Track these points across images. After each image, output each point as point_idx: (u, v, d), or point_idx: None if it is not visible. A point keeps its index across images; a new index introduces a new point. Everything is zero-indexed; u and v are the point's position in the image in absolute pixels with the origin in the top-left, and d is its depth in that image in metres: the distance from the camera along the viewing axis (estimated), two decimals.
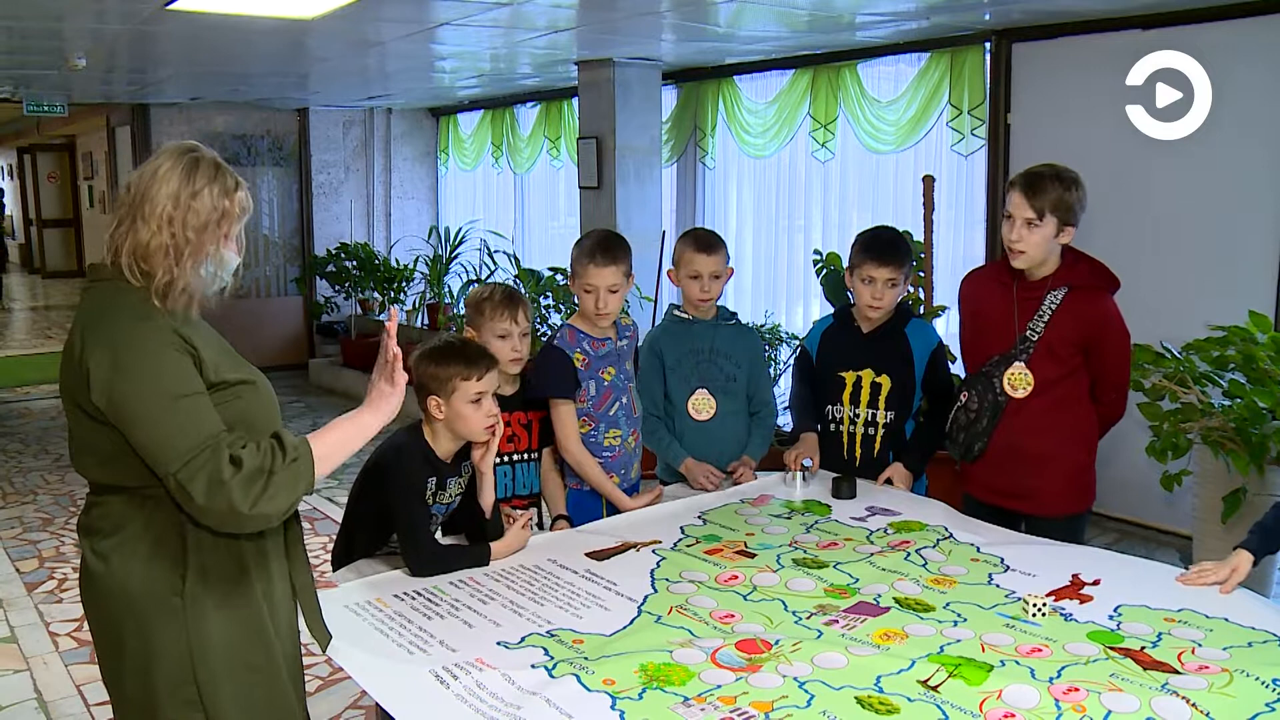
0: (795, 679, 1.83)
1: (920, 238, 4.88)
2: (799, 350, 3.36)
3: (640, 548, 2.51)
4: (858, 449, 3.09)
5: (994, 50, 5.03)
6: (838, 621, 2.08)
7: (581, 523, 2.80)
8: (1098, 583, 2.26)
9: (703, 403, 3.09)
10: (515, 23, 4.92)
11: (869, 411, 3.07)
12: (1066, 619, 2.09)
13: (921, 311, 4.81)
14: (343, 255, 8.77)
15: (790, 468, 2.97)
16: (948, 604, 2.16)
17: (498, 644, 2.00)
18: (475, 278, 8.20)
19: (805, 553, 2.47)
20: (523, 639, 2.02)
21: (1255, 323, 3.84)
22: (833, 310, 3.27)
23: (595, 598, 2.23)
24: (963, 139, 5.23)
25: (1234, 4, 4.21)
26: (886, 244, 3.02)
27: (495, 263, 8.24)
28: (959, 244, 5.46)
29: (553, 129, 7.97)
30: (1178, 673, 1.85)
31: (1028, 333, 2.78)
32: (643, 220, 6.43)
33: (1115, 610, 2.13)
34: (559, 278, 6.70)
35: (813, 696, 1.78)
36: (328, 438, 1.84)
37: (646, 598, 2.22)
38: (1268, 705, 1.73)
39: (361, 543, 2.48)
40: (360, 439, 1.88)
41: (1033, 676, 1.84)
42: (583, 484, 2.93)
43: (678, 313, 3.16)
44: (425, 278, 8.79)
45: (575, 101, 7.03)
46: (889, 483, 2.98)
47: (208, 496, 1.67)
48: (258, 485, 1.70)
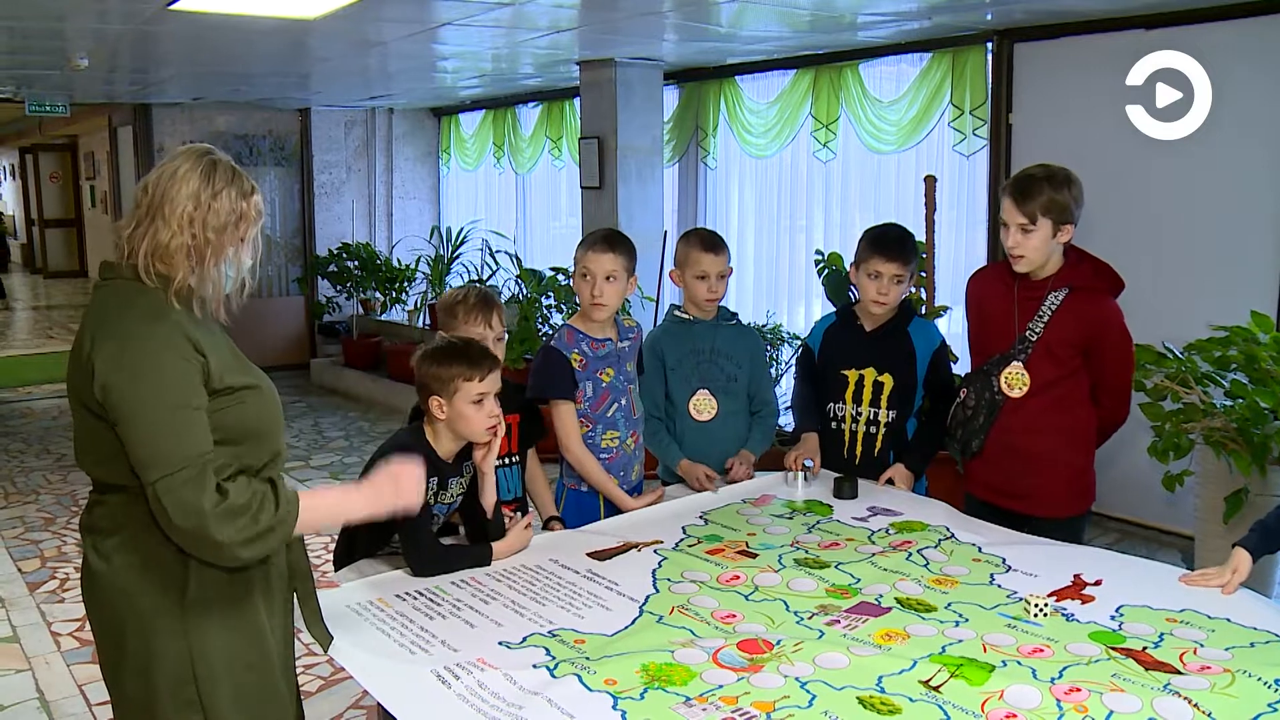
0: (797, 679, 1.83)
1: (922, 238, 4.87)
2: (802, 348, 3.36)
3: (642, 548, 2.51)
4: (859, 447, 3.09)
5: (996, 50, 5.03)
6: (839, 622, 2.08)
7: (581, 524, 2.80)
8: (1099, 583, 2.26)
9: (704, 403, 3.09)
10: (517, 23, 4.92)
11: (871, 410, 3.07)
12: (1068, 619, 2.09)
13: (923, 311, 4.81)
14: (344, 255, 8.79)
15: (791, 468, 2.97)
16: (949, 604, 2.16)
17: (499, 644, 2.00)
18: (477, 278, 8.21)
19: (807, 553, 2.47)
20: (524, 639, 2.02)
21: (1257, 323, 3.84)
22: (836, 308, 3.28)
23: (597, 598, 2.23)
24: (964, 139, 5.23)
25: (1234, 4, 4.21)
26: (895, 239, 3.02)
27: (497, 263, 8.25)
28: (960, 244, 5.46)
29: (554, 129, 7.97)
30: (1180, 673, 1.85)
31: (1026, 333, 2.78)
32: (644, 220, 6.43)
33: (1117, 610, 2.13)
34: (561, 278, 6.71)
35: (814, 697, 1.77)
36: (317, 507, 1.87)
37: (648, 598, 2.22)
38: (1270, 706, 1.73)
39: (363, 543, 2.48)
40: (344, 519, 2.00)
41: (1034, 677, 1.84)
42: (581, 484, 2.93)
43: (678, 313, 3.16)
44: (427, 278, 8.80)
45: (577, 101, 7.04)
46: (890, 483, 2.97)
47: (182, 517, 1.68)
48: (238, 522, 1.71)
